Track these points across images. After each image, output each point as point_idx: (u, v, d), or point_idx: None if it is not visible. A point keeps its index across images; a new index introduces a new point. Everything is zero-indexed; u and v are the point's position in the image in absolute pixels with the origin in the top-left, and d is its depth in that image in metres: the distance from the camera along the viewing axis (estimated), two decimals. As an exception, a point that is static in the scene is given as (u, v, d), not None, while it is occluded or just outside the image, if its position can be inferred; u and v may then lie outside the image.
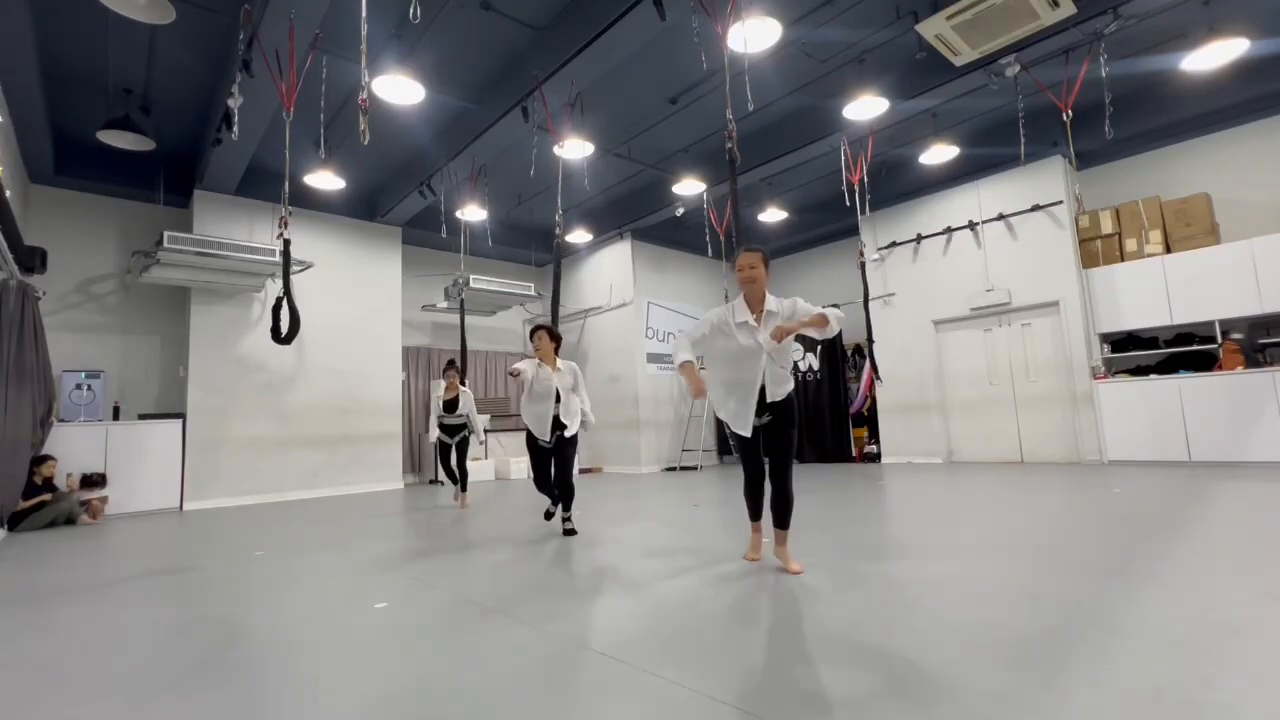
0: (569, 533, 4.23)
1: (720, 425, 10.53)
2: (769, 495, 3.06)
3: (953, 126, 7.37)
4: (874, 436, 9.32)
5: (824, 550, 3.34)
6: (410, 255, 9.63)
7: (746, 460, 3.10)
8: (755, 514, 3.22)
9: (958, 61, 5.41)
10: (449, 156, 6.83)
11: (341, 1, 4.63)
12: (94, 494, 6.24)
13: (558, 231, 5.57)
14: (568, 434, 4.28)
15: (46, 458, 5.95)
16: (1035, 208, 7.67)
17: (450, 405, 6.09)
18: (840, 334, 9.71)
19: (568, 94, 5.63)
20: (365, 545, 4.25)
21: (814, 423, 9.82)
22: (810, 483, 6.72)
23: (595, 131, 6.87)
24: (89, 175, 7.06)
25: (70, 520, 5.86)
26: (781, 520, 3.02)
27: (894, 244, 8.99)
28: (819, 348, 9.79)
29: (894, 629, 2.10)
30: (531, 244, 10.69)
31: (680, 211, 8.76)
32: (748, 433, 2.98)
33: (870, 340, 7.01)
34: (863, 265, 6.84)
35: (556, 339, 4.42)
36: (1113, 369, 7.37)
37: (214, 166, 6.72)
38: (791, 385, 3.05)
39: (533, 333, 4.42)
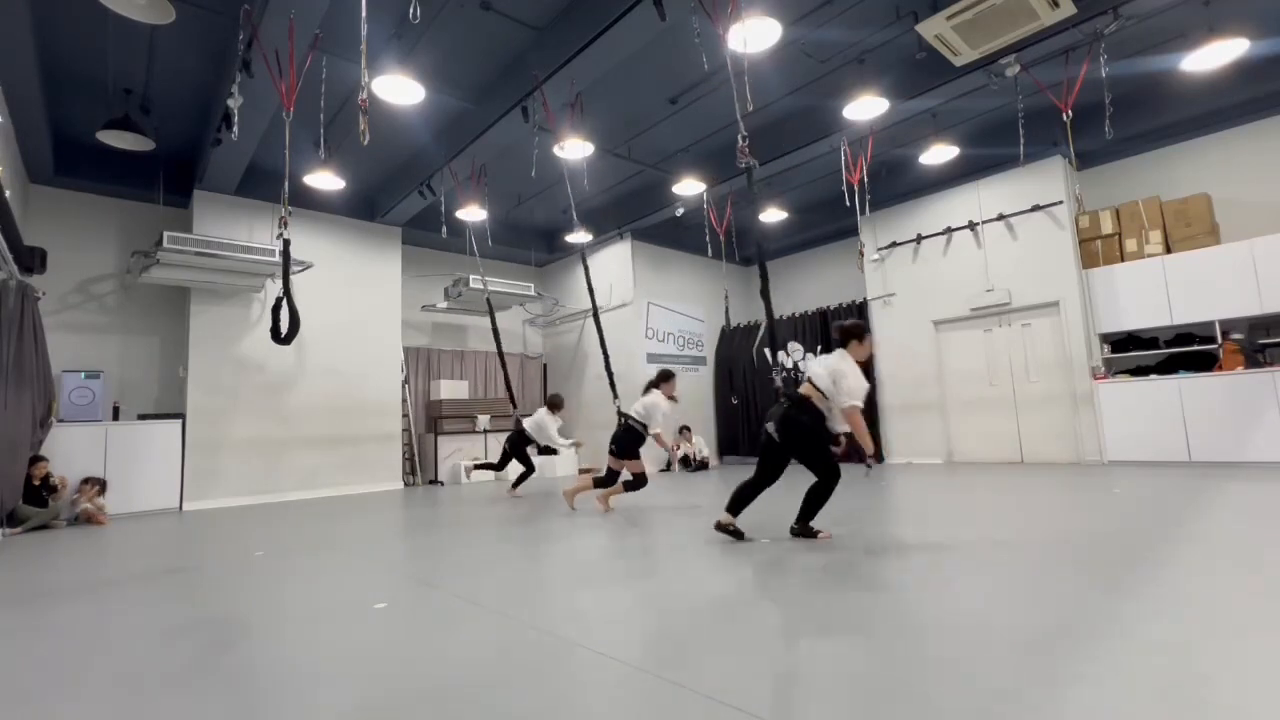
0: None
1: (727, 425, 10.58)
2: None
3: (953, 126, 7.36)
4: (875, 437, 9.31)
5: (824, 549, 3.34)
6: (410, 255, 9.62)
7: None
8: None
9: (958, 62, 5.41)
10: (449, 156, 6.83)
11: (341, 1, 4.63)
12: (93, 501, 6.18)
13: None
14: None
15: (37, 458, 5.91)
16: (1035, 208, 7.66)
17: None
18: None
19: (568, 94, 5.62)
20: (365, 545, 4.25)
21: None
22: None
23: (595, 131, 6.86)
24: (89, 175, 7.04)
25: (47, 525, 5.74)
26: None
27: (894, 244, 8.98)
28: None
29: (894, 628, 2.09)
30: (531, 244, 10.68)
31: (680, 211, 8.75)
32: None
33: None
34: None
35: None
36: (1113, 369, 7.36)
37: (214, 166, 6.71)
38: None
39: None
